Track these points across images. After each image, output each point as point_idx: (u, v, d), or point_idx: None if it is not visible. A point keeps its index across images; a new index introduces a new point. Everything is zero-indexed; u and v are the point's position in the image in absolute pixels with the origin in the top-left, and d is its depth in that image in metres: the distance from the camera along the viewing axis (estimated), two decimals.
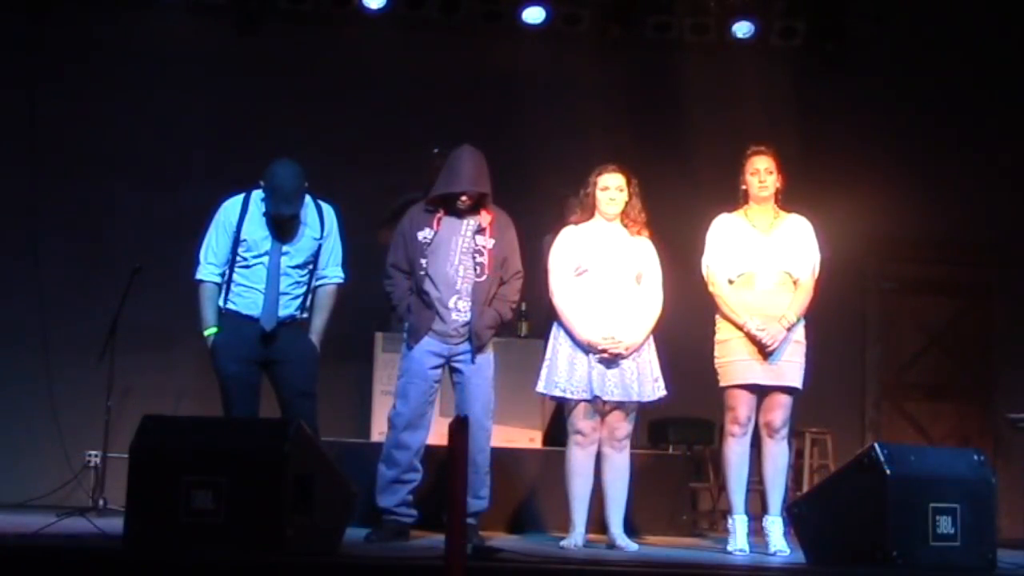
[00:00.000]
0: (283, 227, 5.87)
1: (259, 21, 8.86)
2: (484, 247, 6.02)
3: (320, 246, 5.97)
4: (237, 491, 4.51)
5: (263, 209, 5.89)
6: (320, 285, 6.01)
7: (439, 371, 6.04)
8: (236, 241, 5.87)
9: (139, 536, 4.59)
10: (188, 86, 8.67)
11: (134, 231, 8.57)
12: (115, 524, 5.01)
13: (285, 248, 5.87)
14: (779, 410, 6.02)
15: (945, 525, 5.06)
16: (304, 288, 5.95)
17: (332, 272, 6.04)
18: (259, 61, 8.85)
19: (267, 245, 5.86)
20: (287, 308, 5.88)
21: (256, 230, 5.88)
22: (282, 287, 5.86)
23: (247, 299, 5.86)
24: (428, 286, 5.97)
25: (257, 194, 5.93)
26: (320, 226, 5.98)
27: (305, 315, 5.97)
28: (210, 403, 7.31)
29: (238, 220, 5.89)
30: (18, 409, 8.37)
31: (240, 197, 5.97)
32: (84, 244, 8.65)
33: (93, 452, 8.05)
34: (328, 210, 6.05)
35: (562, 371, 5.98)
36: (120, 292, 7.60)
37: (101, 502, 7.50)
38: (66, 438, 8.24)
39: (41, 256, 8.58)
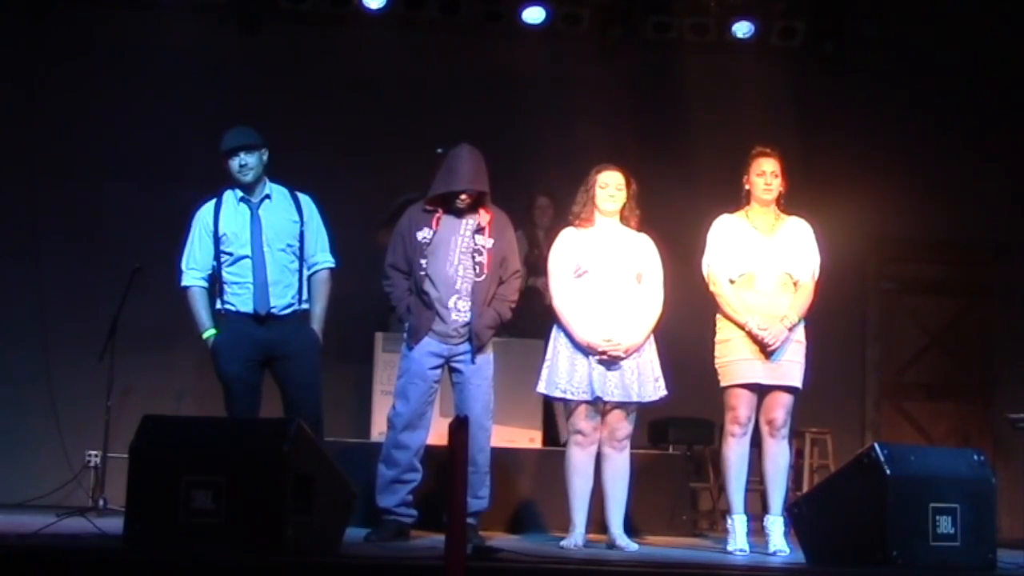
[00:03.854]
0: (250, 189, 5.91)
1: (259, 21, 8.86)
2: (483, 247, 6.02)
3: (302, 232, 5.99)
4: (237, 491, 4.51)
5: (237, 197, 5.96)
6: (313, 273, 6.04)
7: (439, 371, 6.04)
8: (216, 240, 5.92)
9: (139, 536, 4.60)
10: (188, 86, 8.66)
11: (134, 231, 8.54)
12: (115, 524, 5.02)
13: (264, 232, 5.91)
14: (781, 409, 6.03)
15: (945, 525, 5.06)
16: (296, 276, 5.96)
17: (322, 257, 6.06)
18: (259, 61, 8.86)
19: (246, 233, 5.91)
20: (283, 297, 5.90)
21: (232, 221, 5.94)
22: (272, 275, 5.89)
23: (241, 296, 5.89)
24: (428, 286, 5.97)
25: (229, 193, 6.00)
26: (297, 211, 6.02)
27: (305, 305, 5.99)
28: (210, 403, 7.31)
29: (214, 219, 5.96)
30: (18, 409, 8.36)
31: (212, 200, 6.05)
32: (84, 244, 8.64)
33: (93, 452, 8.05)
34: (304, 198, 6.09)
35: (563, 372, 5.98)
36: (120, 292, 7.61)
37: (101, 502, 7.49)
38: (66, 438, 8.25)
39: (41, 256, 8.58)
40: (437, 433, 6.06)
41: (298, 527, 4.52)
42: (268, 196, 5.99)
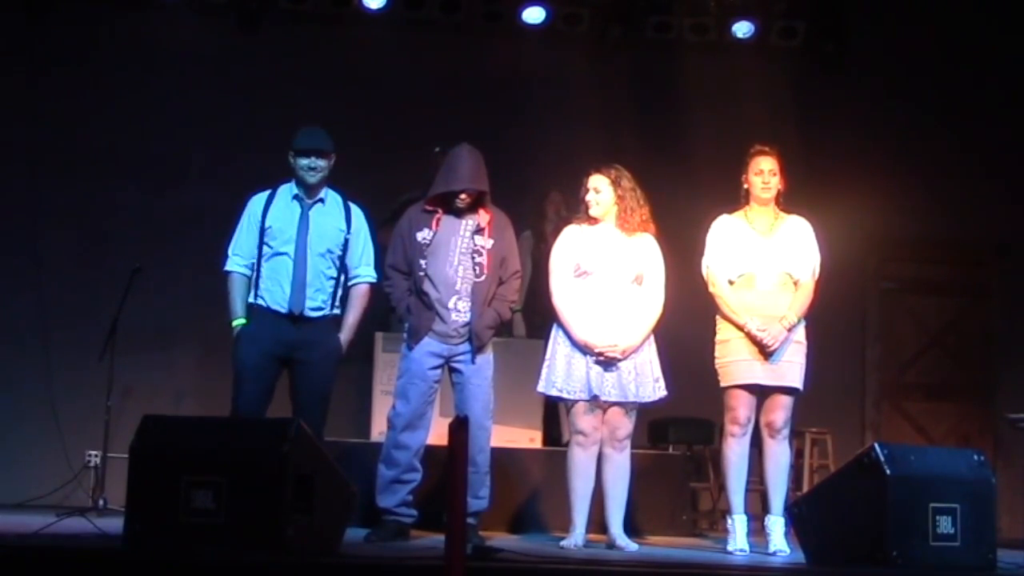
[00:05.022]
0: (309, 190, 5.94)
1: (259, 21, 8.86)
2: (483, 247, 6.02)
3: (347, 241, 6.03)
4: (237, 491, 4.51)
5: (292, 194, 5.98)
6: (353, 284, 6.07)
7: (439, 371, 6.04)
8: (262, 231, 5.94)
9: (139, 536, 4.59)
10: (188, 85, 8.67)
11: (134, 231, 8.56)
12: (115, 524, 5.02)
13: (310, 234, 5.93)
14: (780, 410, 6.02)
15: (945, 525, 5.06)
16: (332, 282, 5.98)
17: (364, 271, 6.09)
18: (259, 61, 8.85)
19: (292, 231, 5.92)
20: (313, 299, 5.91)
21: (281, 217, 5.97)
22: (310, 277, 5.90)
23: (274, 292, 5.90)
24: (427, 287, 5.98)
25: (284, 187, 6.03)
26: (346, 220, 6.05)
27: (336, 311, 6.01)
28: (210, 403, 7.31)
29: (263, 210, 5.98)
30: (18, 409, 8.36)
31: (267, 191, 6.08)
32: (84, 244, 8.64)
33: (93, 452, 8.05)
34: (356, 209, 6.13)
35: (560, 371, 5.99)
36: (120, 292, 7.61)
37: (101, 502, 7.49)
38: (66, 438, 8.24)
39: (41, 256, 8.58)
40: (437, 433, 6.06)
41: (298, 527, 4.52)
42: (322, 200, 6.02)
